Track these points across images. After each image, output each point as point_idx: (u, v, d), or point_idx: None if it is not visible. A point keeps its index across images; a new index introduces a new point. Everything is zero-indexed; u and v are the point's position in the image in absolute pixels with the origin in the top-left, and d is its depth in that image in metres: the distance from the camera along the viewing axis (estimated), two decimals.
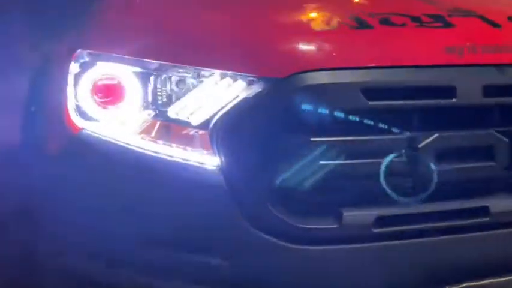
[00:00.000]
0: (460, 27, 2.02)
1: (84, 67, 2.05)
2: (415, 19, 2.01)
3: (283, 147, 1.83)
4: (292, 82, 1.81)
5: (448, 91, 1.89)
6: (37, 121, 2.20)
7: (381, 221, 1.87)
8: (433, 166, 1.87)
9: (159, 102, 2.01)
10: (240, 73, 1.88)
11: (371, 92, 1.83)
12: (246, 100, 1.85)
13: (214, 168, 1.88)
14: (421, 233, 1.89)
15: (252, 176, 1.84)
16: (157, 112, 2.00)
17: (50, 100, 2.16)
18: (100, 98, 2.05)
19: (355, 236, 1.86)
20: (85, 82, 2.05)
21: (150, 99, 2.01)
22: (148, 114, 2.01)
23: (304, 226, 1.84)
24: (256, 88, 1.85)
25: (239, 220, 1.84)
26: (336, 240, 1.86)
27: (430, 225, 1.89)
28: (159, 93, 2.00)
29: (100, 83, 2.04)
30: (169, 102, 1.98)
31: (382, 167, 1.86)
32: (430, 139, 1.87)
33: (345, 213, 1.85)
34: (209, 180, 1.88)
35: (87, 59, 2.06)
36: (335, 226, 1.85)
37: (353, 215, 1.86)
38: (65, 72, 2.08)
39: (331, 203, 1.88)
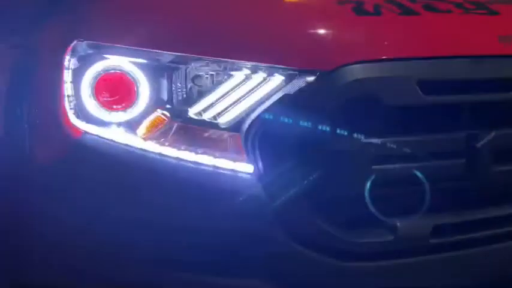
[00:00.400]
0: (506, 15, 1.83)
1: (85, 61, 1.76)
2: (459, 5, 1.81)
3: (331, 151, 1.59)
4: (340, 75, 1.57)
5: (507, 84, 1.70)
6: (24, 125, 1.89)
7: (438, 230, 1.66)
8: (493, 167, 1.68)
9: (178, 100, 1.74)
10: (277, 65, 1.63)
11: (428, 85, 1.62)
12: (286, 97, 1.61)
13: (249, 176, 1.63)
14: (481, 241, 1.69)
15: (295, 184, 1.60)
16: (175, 112, 1.73)
17: (39, 101, 1.84)
18: (106, 97, 1.77)
19: (411, 249, 1.65)
20: (87, 79, 1.75)
21: (165, 97, 1.74)
22: (164, 115, 1.75)
23: (358, 241, 1.62)
24: (299, 83, 1.60)
25: (281, 236, 1.60)
26: (391, 254, 1.64)
27: (491, 231, 1.70)
28: (178, 91, 1.73)
29: (105, 79, 1.76)
30: (190, 100, 1.72)
31: (435, 170, 1.66)
32: (490, 137, 1.67)
33: (399, 224, 1.64)
34: (244, 191, 1.62)
35: (88, 51, 1.77)
36: (390, 239, 1.63)
37: (409, 226, 1.64)
38: (58, 68, 1.78)
39: (381, 213, 1.66)
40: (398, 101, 1.60)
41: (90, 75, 1.76)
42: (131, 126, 1.75)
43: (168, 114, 1.74)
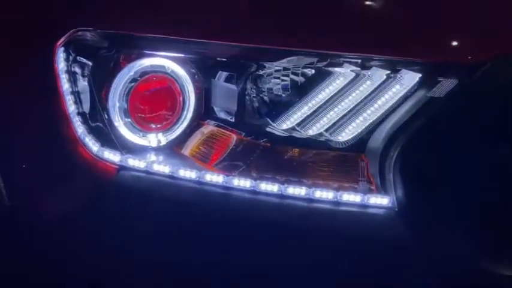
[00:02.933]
0: None
1: (106, 61, 1.19)
2: None
3: (498, 170, 1.20)
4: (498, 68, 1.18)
5: None
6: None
7: None
8: None
9: (254, 112, 1.23)
10: (403, 58, 1.18)
11: None
12: (435, 102, 1.18)
13: (386, 211, 1.18)
14: None
15: (455, 218, 1.19)
16: (251, 128, 1.23)
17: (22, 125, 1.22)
18: (145, 113, 1.20)
19: None
20: (117, 88, 1.18)
21: (234, 108, 1.22)
22: (232, 132, 1.23)
23: None
24: (448, 82, 1.18)
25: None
26: None
27: None
28: (253, 98, 1.22)
29: (144, 87, 1.20)
30: (281, 110, 1.21)
31: None
32: None
33: None
34: (379, 231, 1.18)
35: (109, 46, 1.19)
36: None
37: None
38: (47, 73, 1.19)
39: None
40: None
41: (122, 81, 1.18)
42: (194, 152, 1.22)
43: (239, 131, 1.23)
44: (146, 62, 1.19)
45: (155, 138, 1.22)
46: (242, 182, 1.17)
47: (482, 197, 1.17)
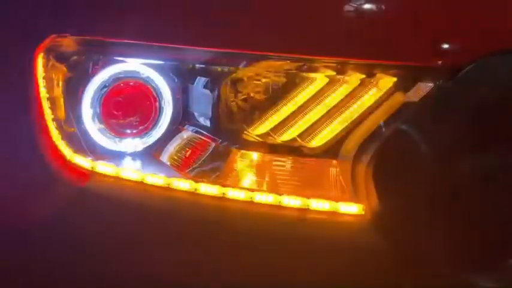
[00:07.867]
0: None
1: (82, 67, 1.19)
2: None
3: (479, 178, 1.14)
4: (492, 70, 1.12)
5: None
6: None
7: None
8: None
9: (228, 117, 1.20)
10: (380, 62, 1.15)
11: None
12: (410, 107, 1.13)
13: (359, 219, 1.14)
14: None
15: (432, 226, 1.14)
16: (225, 134, 1.21)
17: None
18: (118, 118, 1.21)
19: None
20: (90, 93, 1.19)
21: (208, 113, 1.20)
22: (208, 138, 1.21)
23: None
24: (424, 85, 1.13)
25: None
26: None
27: None
28: (227, 103, 1.20)
29: (118, 92, 1.20)
30: (250, 116, 1.19)
31: None
32: None
33: None
34: (352, 240, 1.14)
35: (83, 51, 1.19)
36: None
37: None
38: (31, 77, 1.20)
39: None
40: None
41: (94, 87, 1.19)
42: (163, 155, 1.22)
43: (215, 137, 1.21)
44: (119, 68, 1.19)
45: (131, 144, 1.22)
46: (209, 189, 1.16)
47: (457, 204, 1.12)
